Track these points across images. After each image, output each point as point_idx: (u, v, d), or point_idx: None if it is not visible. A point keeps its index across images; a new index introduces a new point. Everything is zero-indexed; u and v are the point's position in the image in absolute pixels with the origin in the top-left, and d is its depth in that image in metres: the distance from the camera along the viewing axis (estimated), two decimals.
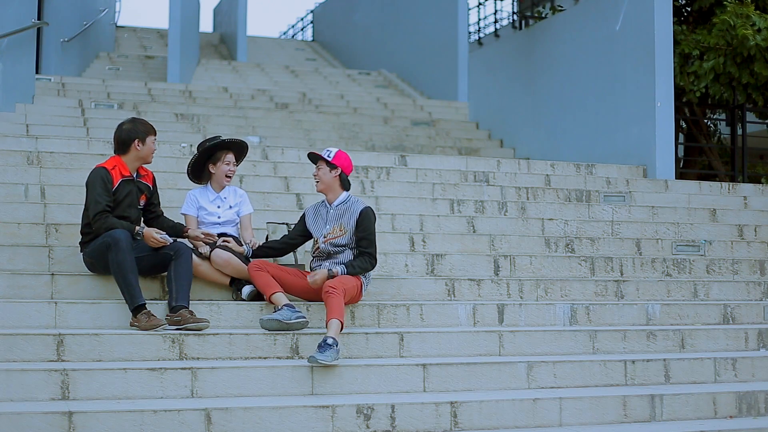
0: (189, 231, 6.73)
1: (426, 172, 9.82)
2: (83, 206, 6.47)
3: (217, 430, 5.16)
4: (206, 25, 30.41)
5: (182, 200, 7.12)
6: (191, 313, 6.03)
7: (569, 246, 8.46)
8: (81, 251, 6.48)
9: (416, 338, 6.40)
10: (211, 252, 6.59)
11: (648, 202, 9.90)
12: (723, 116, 13.25)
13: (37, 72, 13.68)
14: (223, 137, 7.06)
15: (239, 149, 7.07)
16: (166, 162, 8.74)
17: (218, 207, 6.91)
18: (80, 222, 6.53)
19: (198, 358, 5.87)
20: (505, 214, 9.05)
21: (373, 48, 21.93)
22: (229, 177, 7.00)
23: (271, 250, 6.72)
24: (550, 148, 12.30)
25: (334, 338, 5.81)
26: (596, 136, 11.55)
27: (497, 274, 7.80)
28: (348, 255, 6.53)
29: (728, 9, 10.96)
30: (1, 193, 7.68)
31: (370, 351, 6.25)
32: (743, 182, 11.78)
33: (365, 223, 6.53)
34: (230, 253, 6.59)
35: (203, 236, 6.68)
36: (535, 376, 6.20)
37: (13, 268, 6.60)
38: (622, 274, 8.19)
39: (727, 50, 11.22)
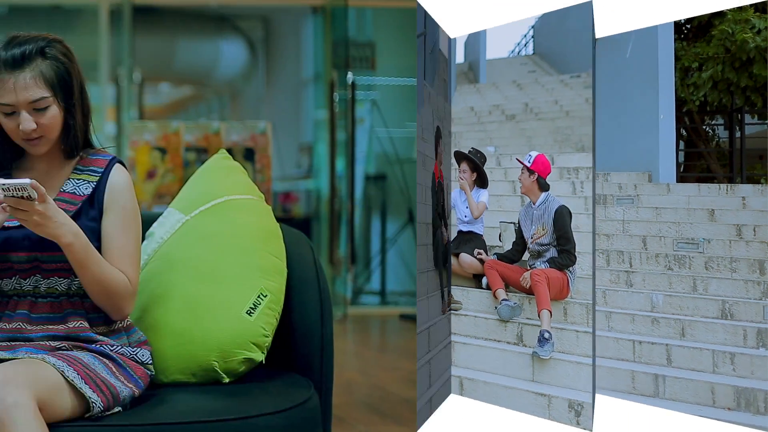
0: None
1: None
2: None
3: (467, 395, 6.05)
4: (460, 55, 30.61)
5: None
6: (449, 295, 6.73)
7: None
8: None
9: None
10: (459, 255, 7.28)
11: (652, 204, 10.44)
12: (721, 121, 13.66)
13: None
14: None
15: None
16: None
17: None
18: None
19: (455, 334, 6.68)
20: None
21: (583, 48, 21.68)
22: None
23: (509, 261, 7.08)
24: None
25: (549, 331, 6.34)
26: (610, 149, 12.10)
27: None
28: (553, 253, 6.87)
29: (728, 16, 11.35)
30: None
31: (580, 349, 6.64)
32: (742, 183, 12.20)
33: (560, 221, 6.83)
34: (473, 258, 7.00)
35: None
36: None
37: None
38: (631, 266, 8.79)
39: (725, 57, 11.68)
